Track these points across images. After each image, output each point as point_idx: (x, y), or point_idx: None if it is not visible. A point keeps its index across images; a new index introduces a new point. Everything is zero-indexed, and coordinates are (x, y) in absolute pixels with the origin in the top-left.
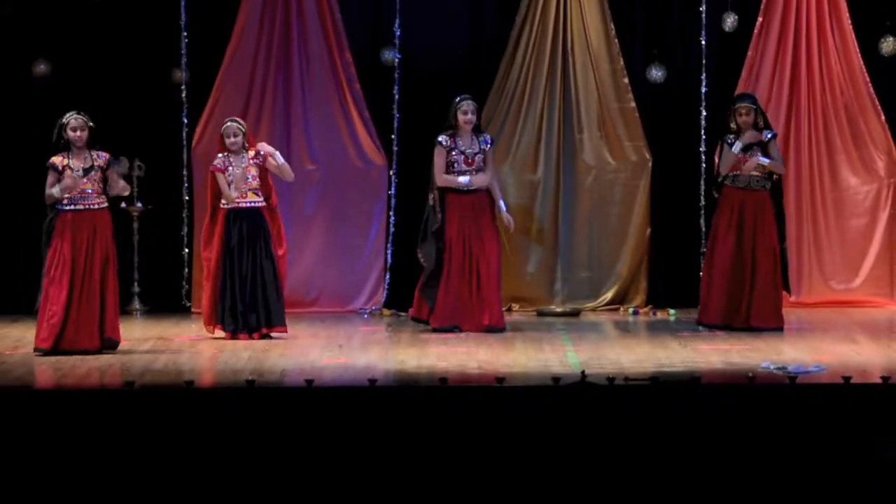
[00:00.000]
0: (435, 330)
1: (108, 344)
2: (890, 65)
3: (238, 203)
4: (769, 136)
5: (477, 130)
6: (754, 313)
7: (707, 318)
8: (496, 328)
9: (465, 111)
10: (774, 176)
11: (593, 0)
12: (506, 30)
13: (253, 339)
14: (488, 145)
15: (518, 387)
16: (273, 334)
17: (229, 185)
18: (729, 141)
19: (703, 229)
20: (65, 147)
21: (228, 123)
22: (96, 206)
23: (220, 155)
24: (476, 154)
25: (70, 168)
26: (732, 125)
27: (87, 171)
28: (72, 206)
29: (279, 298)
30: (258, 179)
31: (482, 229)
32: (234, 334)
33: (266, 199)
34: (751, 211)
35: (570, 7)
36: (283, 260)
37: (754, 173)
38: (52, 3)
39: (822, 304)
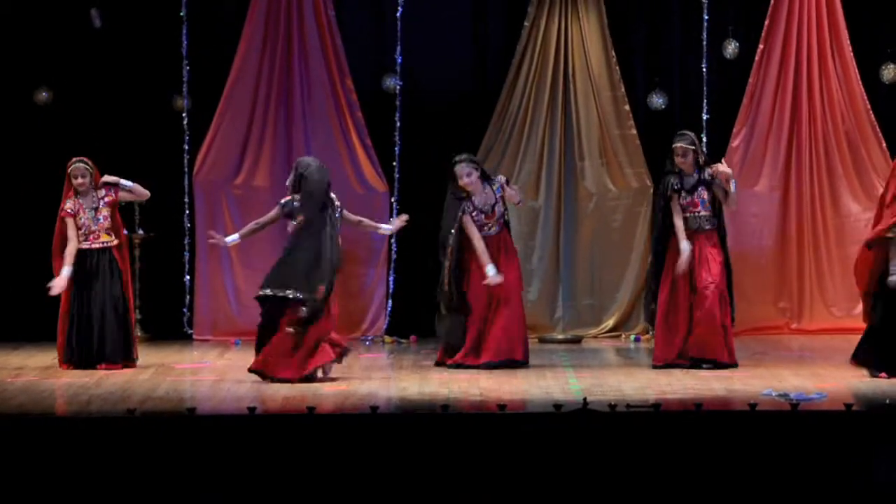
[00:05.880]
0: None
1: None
2: (891, 92)
3: (91, 244)
4: (709, 175)
5: (486, 178)
6: (697, 345)
7: (657, 361)
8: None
9: (461, 175)
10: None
11: (594, 27)
12: (507, 57)
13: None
14: (502, 190)
15: (520, 414)
16: (109, 370)
17: (79, 229)
18: (675, 186)
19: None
20: None
21: (76, 164)
22: None
23: (69, 200)
24: (494, 205)
25: None
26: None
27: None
28: None
29: (124, 336)
30: (109, 219)
31: (504, 270)
32: (77, 367)
33: (117, 237)
34: (702, 250)
35: (572, 34)
36: None
37: (703, 213)
38: (53, 31)
39: (823, 330)
